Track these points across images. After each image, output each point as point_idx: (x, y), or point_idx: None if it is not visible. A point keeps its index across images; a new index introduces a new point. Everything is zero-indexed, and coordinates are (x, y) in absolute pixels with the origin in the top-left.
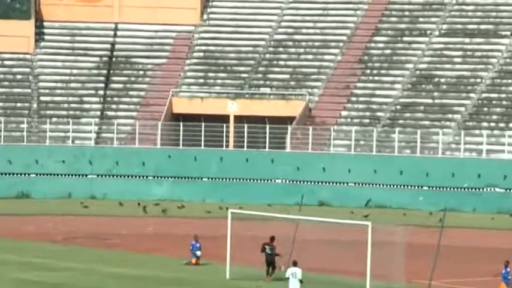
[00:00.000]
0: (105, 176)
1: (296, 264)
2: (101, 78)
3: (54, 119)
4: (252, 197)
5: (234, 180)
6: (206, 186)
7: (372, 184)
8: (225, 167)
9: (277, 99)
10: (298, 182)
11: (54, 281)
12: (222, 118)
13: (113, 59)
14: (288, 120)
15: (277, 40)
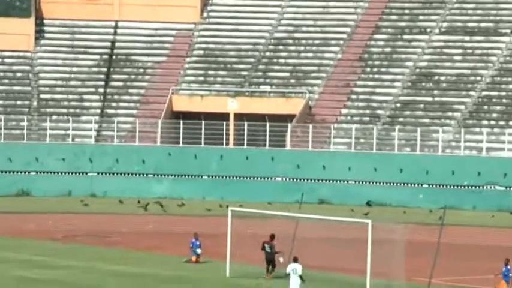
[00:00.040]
0: (105, 174)
1: (297, 260)
2: (101, 76)
3: (54, 117)
4: (252, 195)
5: (234, 178)
6: (206, 184)
7: (372, 182)
8: (225, 165)
9: (277, 97)
10: (298, 180)
11: (54, 279)
12: (222, 116)
13: (113, 57)
14: (288, 118)
15: (277, 38)
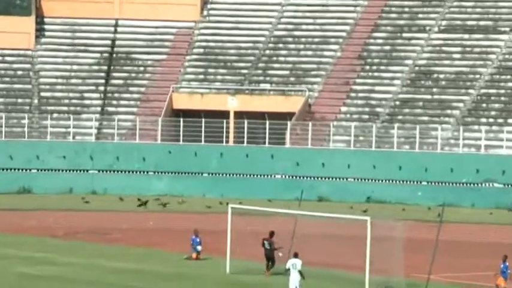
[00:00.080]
0: (105, 172)
1: (297, 255)
2: (102, 74)
3: (55, 115)
4: (252, 192)
5: (234, 175)
6: (206, 181)
7: (371, 179)
8: (225, 163)
9: (277, 95)
10: (297, 178)
11: (55, 275)
12: (222, 114)
13: (114, 55)
14: (288, 116)
15: (277, 36)
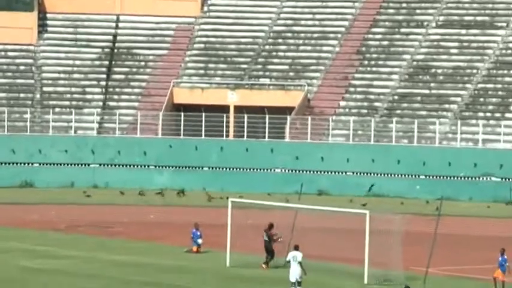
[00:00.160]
0: (107, 166)
1: (297, 248)
2: (103, 69)
3: (57, 109)
4: (252, 186)
5: (234, 169)
6: (207, 175)
7: (370, 173)
8: (225, 157)
9: (276, 89)
10: (297, 171)
11: (57, 269)
12: (222, 108)
13: (115, 50)
14: (287, 110)
15: (276, 31)
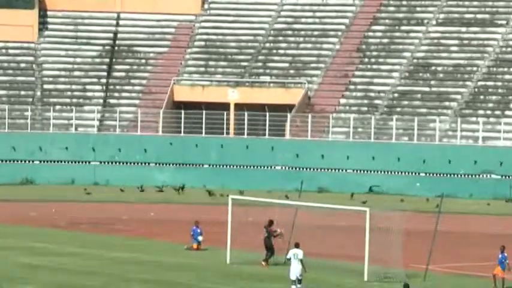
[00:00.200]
0: (107, 163)
1: (298, 245)
2: (104, 66)
3: (57, 107)
4: (253, 184)
5: (235, 167)
6: (207, 172)
7: (370, 171)
8: (226, 154)
9: (276, 87)
10: (297, 169)
11: (56, 266)
12: (223, 106)
13: (116, 48)
14: (288, 108)
15: (277, 29)
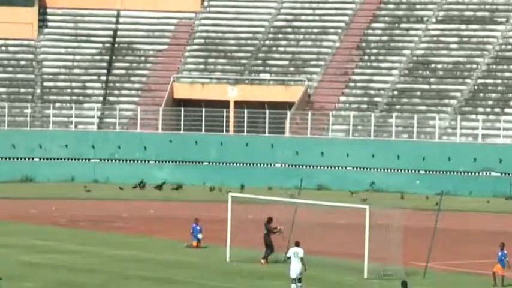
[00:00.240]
0: (107, 160)
1: (298, 244)
2: (103, 64)
3: (57, 104)
4: (252, 181)
5: (234, 164)
6: (207, 170)
7: (370, 168)
8: (226, 152)
9: (276, 84)
10: (297, 166)
11: (57, 264)
12: (223, 103)
13: (115, 45)
14: (287, 105)
15: (276, 27)
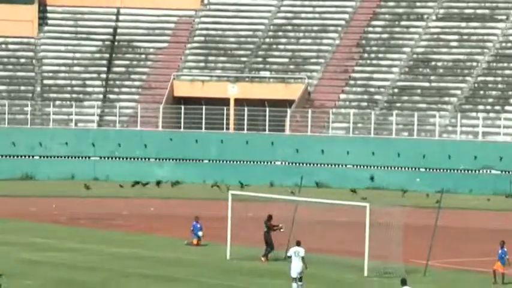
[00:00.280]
0: (107, 158)
1: (299, 243)
2: (104, 62)
3: (57, 102)
4: (252, 179)
5: (235, 162)
6: (207, 168)
7: (370, 166)
8: (226, 149)
9: (276, 82)
10: (297, 164)
11: (57, 261)
12: (223, 101)
13: (115, 43)
14: (288, 103)
15: (276, 24)
